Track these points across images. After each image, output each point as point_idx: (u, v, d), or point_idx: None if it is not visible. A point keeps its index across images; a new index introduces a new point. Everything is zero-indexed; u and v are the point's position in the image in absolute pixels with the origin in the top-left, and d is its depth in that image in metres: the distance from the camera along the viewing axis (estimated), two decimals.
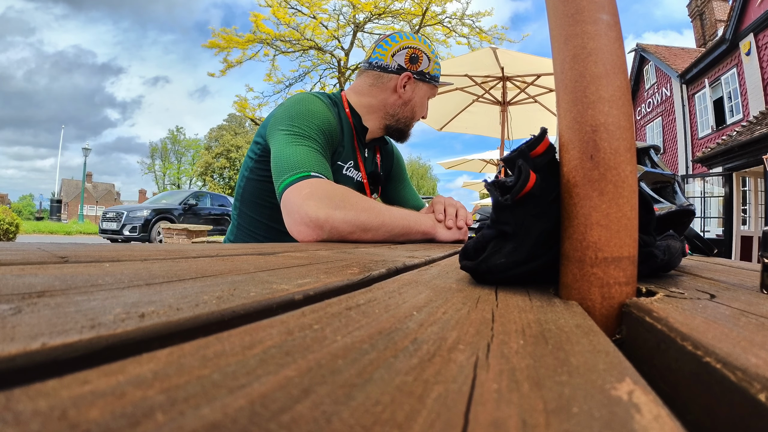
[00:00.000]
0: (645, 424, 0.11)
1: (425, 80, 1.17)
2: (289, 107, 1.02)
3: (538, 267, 0.33)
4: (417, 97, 1.18)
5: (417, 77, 1.15)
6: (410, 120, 1.21)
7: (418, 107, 1.20)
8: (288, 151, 0.92)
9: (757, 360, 0.16)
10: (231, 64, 8.89)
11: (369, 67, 1.17)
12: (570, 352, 0.17)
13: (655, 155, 0.54)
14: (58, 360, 0.12)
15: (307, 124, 0.98)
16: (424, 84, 1.18)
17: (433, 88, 1.21)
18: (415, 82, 1.16)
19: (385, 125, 1.20)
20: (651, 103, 12.88)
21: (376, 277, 0.34)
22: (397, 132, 1.22)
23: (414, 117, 1.21)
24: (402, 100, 1.16)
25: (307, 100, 1.03)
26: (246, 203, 1.13)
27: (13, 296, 0.17)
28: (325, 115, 1.03)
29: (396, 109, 1.17)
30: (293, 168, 0.89)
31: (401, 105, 1.17)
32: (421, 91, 1.18)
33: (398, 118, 1.19)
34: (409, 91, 1.16)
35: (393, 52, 1.15)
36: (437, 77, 1.20)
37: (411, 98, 1.17)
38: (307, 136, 0.96)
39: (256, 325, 0.17)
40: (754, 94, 8.52)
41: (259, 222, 1.12)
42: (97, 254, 0.33)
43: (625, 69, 0.32)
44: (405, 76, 1.14)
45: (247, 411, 0.10)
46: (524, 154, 0.33)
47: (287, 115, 0.99)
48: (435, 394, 0.12)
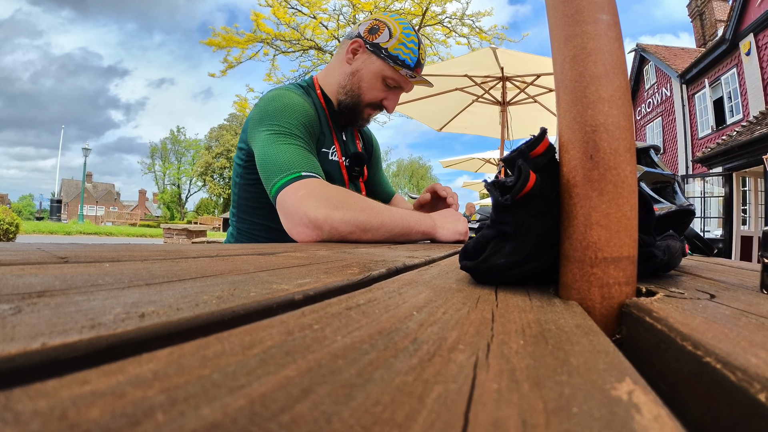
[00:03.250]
0: (645, 424, 0.11)
1: (380, 55, 1.06)
2: (265, 106, 0.98)
3: (538, 267, 0.33)
4: (366, 71, 1.08)
5: (370, 48, 1.07)
6: (358, 95, 1.10)
7: (367, 82, 1.08)
8: (272, 151, 0.90)
9: (757, 360, 0.16)
10: (231, 65, 8.89)
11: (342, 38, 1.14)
12: (570, 352, 0.17)
13: (655, 155, 0.54)
14: (58, 360, 0.12)
15: (286, 120, 0.95)
16: (379, 59, 1.07)
17: (391, 70, 1.08)
18: (368, 54, 1.08)
19: (338, 100, 1.12)
20: (651, 103, 12.88)
21: (376, 277, 0.34)
22: (348, 109, 1.12)
23: (361, 92, 1.09)
24: (351, 69, 1.09)
25: (281, 95, 1.00)
26: (242, 208, 1.12)
27: (13, 296, 0.17)
28: (302, 106, 1.00)
29: (344, 78, 1.10)
30: (283, 169, 0.87)
31: (349, 75, 1.09)
32: (372, 65, 1.07)
33: (346, 91, 1.10)
34: (358, 61, 1.08)
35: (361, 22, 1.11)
36: (399, 59, 1.06)
37: (359, 69, 1.08)
38: (288, 133, 0.93)
39: (256, 325, 0.17)
40: (754, 94, 8.52)
41: (259, 224, 1.11)
42: (97, 254, 0.33)
43: (625, 69, 0.32)
44: (355, 41, 1.08)
45: (247, 411, 0.10)
46: (524, 154, 0.33)
47: (264, 115, 0.96)
48: (435, 394, 0.12)
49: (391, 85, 1.11)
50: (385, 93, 1.11)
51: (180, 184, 45.01)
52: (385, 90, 1.11)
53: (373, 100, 1.11)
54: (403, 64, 1.07)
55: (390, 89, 1.12)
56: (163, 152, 45.39)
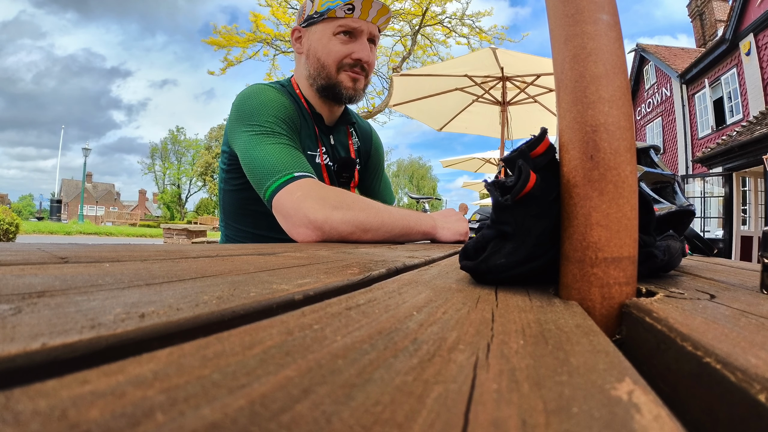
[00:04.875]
0: (645, 424, 0.11)
1: (315, 22, 1.03)
2: (241, 104, 0.96)
3: (538, 267, 0.33)
4: (313, 42, 1.05)
5: (304, 25, 1.06)
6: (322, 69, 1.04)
7: (321, 50, 1.04)
8: (258, 154, 0.87)
9: (757, 360, 0.16)
10: (231, 63, 8.89)
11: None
12: (570, 352, 0.17)
13: (655, 155, 0.54)
14: (58, 360, 0.12)
15: (266, 117, 0.92)
16: (317, 25, 1.04)
17: (331, 23, 1.02)
18: (307, 30, 1.06)
19: (315, 91, 1.08)
20: (651, 103, 12.88)
21: (376, 277, 0.34)
22: (327, 90, 1.06)
23: (323, 63, 1.04)
24: (304, 56, 1.07)
25: (257, 91, 0.98)
26: (228, 215, 1.10)
27: (13, 296, 0.17)
28: (279, 101, 0.97)
29: (306, 68, 1.07)
30: (274, 172, 0.85)
31: (306, 61, 1.07)
32: (315, 34, 1.05)
33: (314, 76, 1.06)
34: (305, 44, 1.07)
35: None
36: (330, 9, 1.00)
37: (308, 47, 1.06)
38: (270, 132, 0.90)
39: (256, 325, 0.17)
40: (754, 94, 8.52)
41: (245, 231, 1.08)
42: (97, 254, 0.33)
43: (625, 69, 0.32)
44: (293, 31, 1.08)
45: (247, 411, 0.10)
46: (524, 154, 0.33)
47: (242, 114, 0.94)
48: (435, 394, 0.12)
49: (347, 34, 1.04)
50: (346, 46, 1.03)
51: (180, 184, 45.04)
52: (344, 43, 1.04)
53: (338, 61, 1.03)
54: (334, 8, 1.01)
55: (350, 40, 1.04)
56: (163, 152, 45.43)
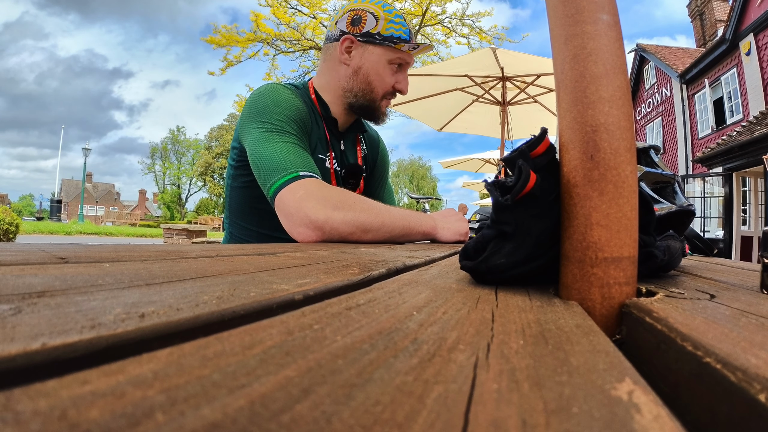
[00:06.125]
0: (645, 424, 0.11)
1: (375, 42, 1.02)
2: (255, 102, 0.96)
3: (538, 267, 0.33)
4: (369, 63, 1.03)
5: (361, 39, 1.02)
6: (369, 92, 1.05)
7: (374, 75, 1.04)
8: (267, 150, 0.88)
9: (757, 360, 0.16)
10: (231, 63, 8.89)
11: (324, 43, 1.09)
12: (570, 352, 0.17)
13: (655, 155, 0.54)
14: (58, 360, 0.12)
15: (277, 116, 0.92)
16: (376, 47, 1.03)
17: (394, 51, 1.04)
18: (362, 46, 1.03)
19: (348, 104, 1.08)
20: (651, 103, 12.88)
21: (376, 277, 0.34)
22: (362, 110, 1.08)
23: (372, 88, 1.05)
24: (351, 69, 1.04)
25: (272, 90, 0.98)
26: (235, 213, 1.10)
27: (13, 296, 0.17)
28: (293, 102, 0.97)
29: (348, 81, 1.05)
30: (279, 170, 0.85)
31: (351, 75, 1.05)
32: (372, 55, 1.03)
33: (355, 92, 1.05)
34: (356, 58, 1.03)
35: (337, 19, 1.05)
36: (395, 37, 1.02)
37: (360, 65, 1.03)
38: (281, 131, 0.91)
39: (256, 325, 0.17)
40: (754, 94, 8.52)
41: (249, 230, 1.08)
42: (97, 255, 0.33)
43: (625, 69, 0.32)
44: (345, 40, 1.02)
45: (247, 411, 0.10)
46: (524, 154, 0.33)
47: (255, 111, 0.94)
48: (435, 394, 0.12)
49: (398, 65, 1.07)
50: (394, 76, 1.07)
51: (180, 184, 45.05)
52: (393, 73, 1.07)
53: (386, 90, 1.07)
54: (401, 41, 1.03)
55: (397, 70, 1.07)
56: (164, 152, 45.44)
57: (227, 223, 1.15)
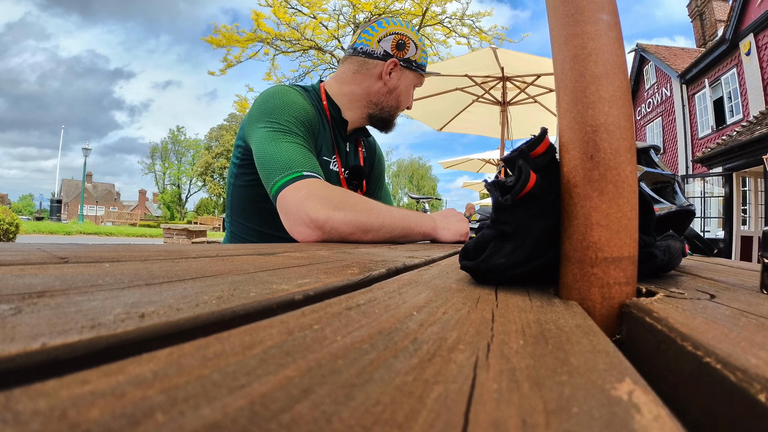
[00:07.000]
0: (645, 424, 0.11)
1: (412, 68, 1.14)
2: (264, 102, 0.98)
3: (538, 267, 0.33)
4: (402, 86, 1.14)
5: (403, 64, 1.12)
6: (395, 109, 1.17)
7: (404, 96, 1.16)
8: (272, 149, 0.89)
9: (757, 360, 0.16)
10: (231, 63, 8.89)
11: (354, 53, 1.13)
12: (570, 352, 0.17)
13: (655, 155, 0.54)
14: (58, 360, 0.12)
15: (286, 117, 0.94)
16: (411, 72, 1.15)
17: (419, 77, 1.18)
18: (402, 70, 1.13)
19: (369, 114, 1.16)
20: (651, 103, 12.88)
21: (376, 277, 0.34)
22: (380, 121, 1.18)
23: (399, 106, 1.17)
24: (387, 88, 1.13)
25: (282, 91, 1.00)
26: (236, 211, 1.11)
27: (13, 296, 0.17)
28: (302, 105, 1.00)
29: (380, 97, 1.14)
30: (283, 169, 0.86)
31: (386, 93, 1.13)
32: (407, 79, 1.15)
33: (382, 107, 1.15)
34: (394, 79, 1.12)
35: (379, 37, 1.11)
36: (424, 66, 1.17)
37: (396, 86, 1.13)
38: (288, 131, 0.93)
39: (256, 325, 0.17)
40: (754, 94, 8.52)
41: (250, 228, 1.09)
42: (97, 255, 0.33)
43: (625, 69, 0.32)
44: (391, 62, 1.10)
45: (247, 411, 0.10)
46: (524, 154, 0.33)
47: (263, 111, 0.96)
48: (435, 394, 0.12)
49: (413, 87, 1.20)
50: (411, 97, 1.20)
51: (180, 184, 45.05)
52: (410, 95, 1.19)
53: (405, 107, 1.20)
54: (424, 69, 1.17)
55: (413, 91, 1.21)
56: (164, 152, 45.44)
57: (228, 221, 1.16)
